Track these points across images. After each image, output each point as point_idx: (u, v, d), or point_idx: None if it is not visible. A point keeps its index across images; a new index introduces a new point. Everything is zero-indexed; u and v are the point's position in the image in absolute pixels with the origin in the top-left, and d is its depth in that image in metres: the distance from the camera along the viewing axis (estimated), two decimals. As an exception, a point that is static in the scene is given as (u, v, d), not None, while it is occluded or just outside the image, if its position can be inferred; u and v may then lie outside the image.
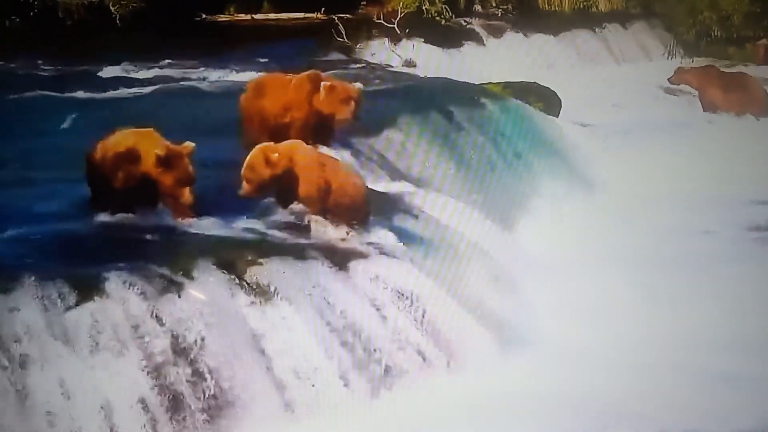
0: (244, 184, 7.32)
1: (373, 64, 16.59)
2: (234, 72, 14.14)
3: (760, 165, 12.89)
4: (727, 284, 8.85)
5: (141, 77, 14.44)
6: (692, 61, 19.02)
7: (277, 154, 7.29)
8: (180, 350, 6.27)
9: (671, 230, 10.71)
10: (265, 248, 7.16)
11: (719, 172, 12.61)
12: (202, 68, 14.87)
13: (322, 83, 8.65)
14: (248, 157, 7.34)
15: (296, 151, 7.44)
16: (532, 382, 7.00)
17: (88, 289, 6.20)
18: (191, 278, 6.59)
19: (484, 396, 6.80)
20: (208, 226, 7.42)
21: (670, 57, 20.08)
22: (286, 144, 7.53)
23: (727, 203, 11.73)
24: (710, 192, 12.04)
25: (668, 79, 16.08)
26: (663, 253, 9.91)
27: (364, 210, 7.62)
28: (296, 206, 7.57)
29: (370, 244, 7.62)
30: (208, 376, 6.27)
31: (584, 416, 6.57)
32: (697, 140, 13.80)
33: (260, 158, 7.29)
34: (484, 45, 19.19)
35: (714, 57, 19.30)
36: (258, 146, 7.44)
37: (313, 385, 6.56)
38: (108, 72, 15.04)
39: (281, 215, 7.57)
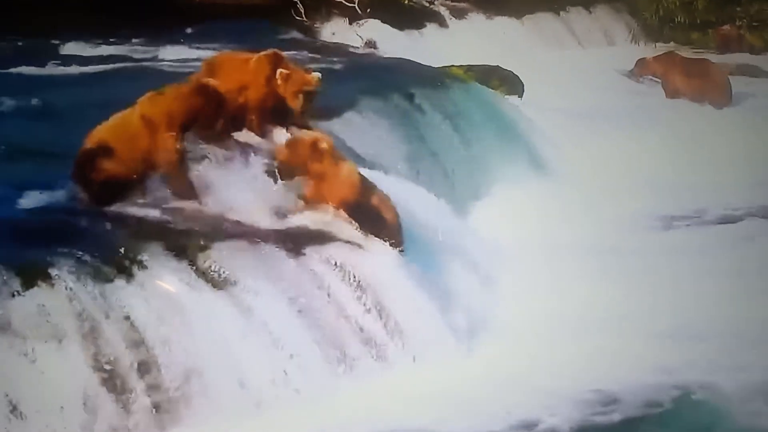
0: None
1: (333, 44, 16.37)
2: (190, 50, 13.84)
3: (722, 152, 12.95)
4: (686, 271, 8.88)
5: (92, 55, 14.07)
6: (655, 47, 19.07)
7: None
8: (130, 339, 6.09)
9: (631, 216, 10.75)
10: (218, 233, 6.99)
11: (680, 158, 12.64)
12: (158, 47, 14.55)
13: (279, 70, 8.44)
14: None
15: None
16: (493, 368, 6.96)
17: (32, 275, 6.00)
18: (141, 264, 6.43)
19: (445, 384, 6.74)
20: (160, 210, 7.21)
21: (633, 41, 20.12)
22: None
23: (688, 190, 11.76)
24: (670, 178, 12.08)
25: (631, 71, 16.09)
26: (623, 239, 9.97)
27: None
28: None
29: (326, 228, 7.46)
30: (159, 365, 6.12)
31: (547, 400, 6.56)
32: (658, 126, 13.84)
33: None
34: (446, 27, 19.07)
35: (677, 42, 19.41)
36: None
37: (271, 375, 6.45)
38: (61, 49, 14.71)
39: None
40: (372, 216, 7.20)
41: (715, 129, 13.90)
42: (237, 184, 7.36)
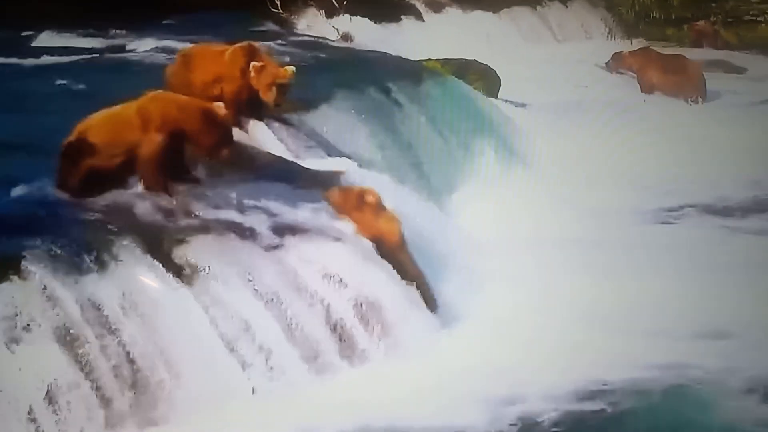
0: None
1: (309, 36, 16.29)
2: (166, 42, 13.71)
3: (697, 146, 13.03)
4: (665, 265, 8.91)
5: (66, 46, 13.91)
6: (631, 42, 19.15)
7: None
8: (103, 332, 6.03)
9: (606, 209, 10.77)
10: (193, 226, 6.94)
11: (655, 152, 12.70)
12: (133, 38, 14.41)
13: (252, 63, 8.39)
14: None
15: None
16: (469, 360, 6.96)
17: (4, 268, 5.94)
18: (115, 258, 6.36)
19: (423, 377, 6.73)
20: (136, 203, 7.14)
21: (609, 36, 20.19)
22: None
23: (664, 184, 11.81)
24: (646, 172, 12.12)
25: (606, 65, 16.15)
26: (598, 232, 9.98)
27: None
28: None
29: (301, 221, 7.44)
30: (134, 359, 6.06)
31: (529, 393, 6.57)
32: (634, 121, 13.88)
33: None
34: (423, 20, 19.03)
35: (652, 37, 19.49)
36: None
37: (245, 369, 6.42)
38: (35, 40, 14.54)
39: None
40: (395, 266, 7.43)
41: (689, 124, 13.97)
42: None
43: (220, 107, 7.41)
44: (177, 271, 6.53)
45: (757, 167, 12.41)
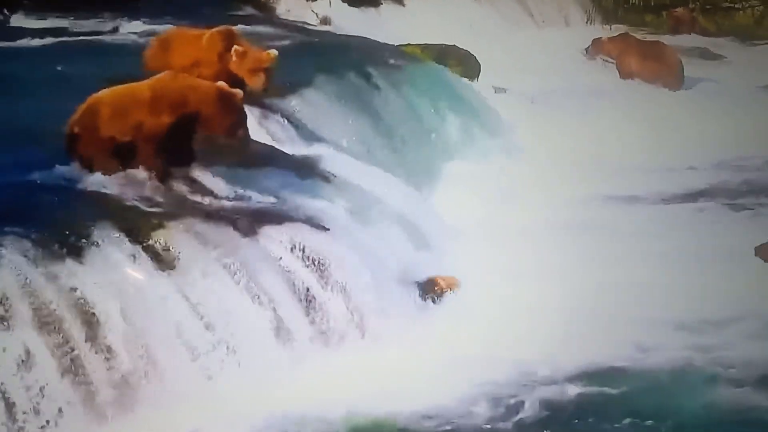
0: None
1: (289, 20, 16.17)
2: (142, 25, 13.57)
3: (674, 133, 13.09)
4: (641, 250, 8.94)
5: (40, 28, 13.73)
6: (610, 28, 19.16)
7: None
8: (82, 320, 5.97)
9: (586, 195, 10.80)
10: (171, 211, 6.90)
11: (635, 138, 12.74)
12: (108, 21, 14.24)
13: (234, 47, 8.31)
14: None
15: None
16: (450, 346, 6.96)
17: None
18: (91, 242, 6.30)
19: (402, 363, 6.72)
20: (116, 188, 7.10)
21: (588, 22, 20.20)
22: None
23: (641, 169, 11.86)
24: (625, 158, 12.15)
25: (585, 51, 16.15)
26: (577, 218, 10.00)
27: None
28: None
29: (281, 207, 7.42)
30: (114, 347, 6.01)
31: (505, 378, 6.60)
32: (613, 107, 13.92)
33: None
34: (402, 5, 18.95)
35: (631, 24, 19.51)
36: None
37: (224, 354, 6.37)
38: (9, 21, 14.34)
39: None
40: None
41: (667, 110, 14.03)
42: None
43: (235, 89, 7.31)
44: (155, 256, 6.48)
45: (733, 153, 12.48)
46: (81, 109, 7.12)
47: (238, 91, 7.25)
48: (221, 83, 7.29)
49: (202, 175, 7.49)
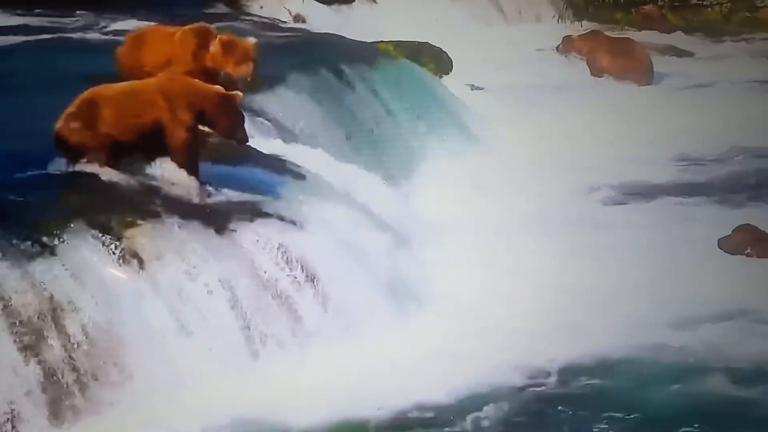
0: None
1: (261, 18, 16.14)
2: (114, 23, 13.50)
3: (644, 128, 13.20)
4: (612, 244, 9.03)
5: (11, 25, 13.60)
6: (581, 25, 19.29)
7: None
8: (53, 318, 5.94)
9: (558, 191, 10.86)
10: (144, 209, 6.87)
11: (606, 133, 12.83)
12: (77, 18, 14.15)
13: (218, 36, 8.29)
14: None
15: None
16: (427, 342, 6.97)
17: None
18: (63, 241, 6.26)
19: (381, 360, 6.72)
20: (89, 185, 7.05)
21: (560, 20, 20.31)
22: None
23: (613, 164, 11.93)
24: (597, 153, 12.23)
25: (556, 48, 16.26)
26: (551, 213, 10.04)
27: None
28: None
29: (256, 205, 7.40)
30: (84, 344, 5.97)
31: (478, 373, 6.61)
32: (584, 103, 14.02)
33: None
34: (375, 2, 18.96)
35: (601, 21, 19.65)
36: None
37: (197, 352, 6.34)
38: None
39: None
40: None
41: (637, 106, 14.14)
42: None
43: (235, 91, 7.44)
44: (128, 254, 6.45)
45: (701, 147, 12.60)
46: (78, 101, 7.10)
47: (238, 93, 7.36)
48: (218, 87, 7.38)
49: (176, 172, 7.46)
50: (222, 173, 7.63)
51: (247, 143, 7.58)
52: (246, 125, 7.56)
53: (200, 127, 7.28)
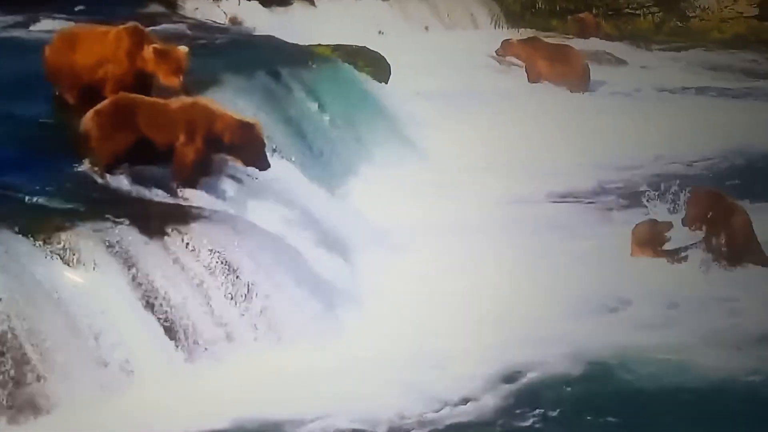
0: None
1: (196, 19, 15.93)
2: (43, 22, 13.18)
3: (581, 133, 13.34)
4: (548, 247, 9.13)
5: None
6: (518, 32, 19.45)
7: None
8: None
9: (496, 197, 10.91)
10: (74, 213, 6.78)
11: (542, 139, 12.93)
12: (8, 15, 13.76)
13: (152, 46, 8.18)
14: None
15: None
16: (363, 348, 6.97)
17: None
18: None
19: (314, 366, 6.69)
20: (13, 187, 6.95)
21: (496, 26, 20.47)
22: None
23: (550, 169, 12.04)
24: (531, 160, 12.32)
25: (495, 52, 16.36)
26: (487, 220, 10.08)
27: None
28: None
29: (190, 209, 7.33)
30: (13, 348, 5.89)
31: (414, 378, 6.62)
32: (522, 108, 14.13)
33: None
34: (314, 5, 18.89)
35: (538, 28, 19.85)
36: None
37: (128, 357, 6.29)
38: None
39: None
40: None
41: (573, 113, 14.30)
42: None
43: (254, 119, 7.77)
44: (58, 257, 6.38)
45: (635, 153, 12.78)
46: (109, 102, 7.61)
47: (258, 122, 7.68)
48: (240, 116, 7.68)
49: (108, 174, 7.37)
50: (154, 175, 7.59)
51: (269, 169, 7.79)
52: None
53: (221, 155, 7.61)
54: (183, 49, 8.36)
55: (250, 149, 7.58)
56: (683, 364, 6.89)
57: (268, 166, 7.76)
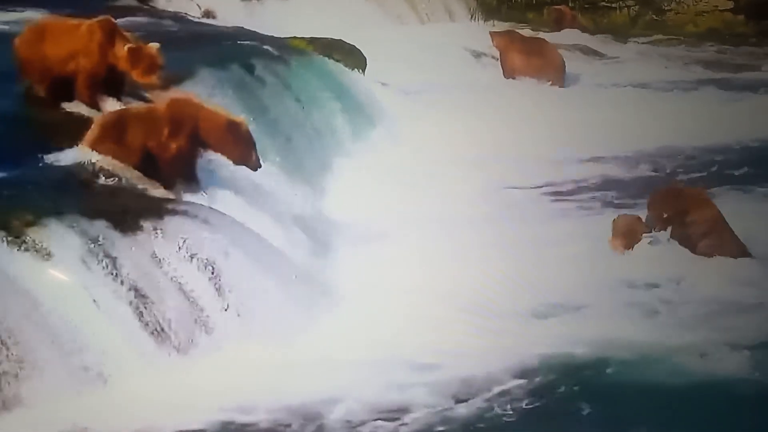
0: None
1: (169, 11, 15.79)
2: (8, 13, 12.98)
3: (556, 127, 13.35)
4: (524, 240, 9.09)
5: None
6: (494, 24, 19.45)
7: None
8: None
9: (471, 190, 10.89)
10: (47, 208, 6.66)
11: (516, 134, 12.93)
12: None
13: (127, 47, 8.08)
14: None
15: None
16: (339, 344, 6.90)
17: None
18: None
19: (294, 360, 6.62)
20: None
21: (473, 19, 20.46)
22: None
23: (526, 164, 12.03)
24: (510, 152, 12.31)
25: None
26: (463, 212, 10.06)
27: None
28: None
29: (166, 202, 7.26)
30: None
31: (390, 373, 6.57)
32: (496, 102, 14.11)
33: None
34: (288, -2, 18.80)
35: (514, 21, 19.86)
36: None
37: (105, 351, 6.20)
38: None
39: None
40: None
41: (548, 106, 14.31)
42: None
43: (240, 118, 7.76)
44: (29, 252, 6.28)
45: (611, 146, 12.80)
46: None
47: (243, 120, 7.69)
48: (227, 115, 7.64)
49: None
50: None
51: (260, 168, 7.77)
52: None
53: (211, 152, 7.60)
54: (154, 45, 8.27)
55: (238, 148, 7.56)
56: (665, 359, 6.85)
57: (259, 166, 7.74)
